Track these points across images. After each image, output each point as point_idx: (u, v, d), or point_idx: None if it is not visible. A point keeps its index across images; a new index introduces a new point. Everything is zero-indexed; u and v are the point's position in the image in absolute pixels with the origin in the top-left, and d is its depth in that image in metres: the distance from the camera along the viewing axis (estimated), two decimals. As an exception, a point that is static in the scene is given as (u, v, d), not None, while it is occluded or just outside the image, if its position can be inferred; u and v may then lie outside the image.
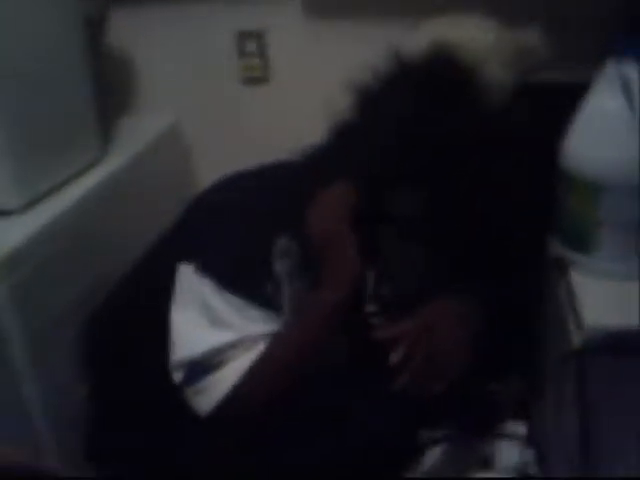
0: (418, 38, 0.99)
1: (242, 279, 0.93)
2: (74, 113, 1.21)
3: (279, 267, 0.95)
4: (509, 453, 1.05)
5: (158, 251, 1.09)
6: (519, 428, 1.08)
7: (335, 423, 0.96)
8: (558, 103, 1.06)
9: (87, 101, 1.24)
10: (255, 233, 0.95)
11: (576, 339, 0.83)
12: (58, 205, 1.12)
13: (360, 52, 0.95)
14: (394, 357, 0.85)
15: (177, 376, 0.94)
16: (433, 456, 1.05)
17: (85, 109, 1.24)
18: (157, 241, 1.11)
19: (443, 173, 0.85)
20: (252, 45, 1.41)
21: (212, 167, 1.12)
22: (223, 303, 0.92)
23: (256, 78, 1.43)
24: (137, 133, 1.41)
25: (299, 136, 0.98)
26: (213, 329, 0.92)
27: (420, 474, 1.02)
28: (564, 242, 0.90)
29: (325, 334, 0.93)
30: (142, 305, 1.04)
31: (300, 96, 1.36)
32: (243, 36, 1.40)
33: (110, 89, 1.42)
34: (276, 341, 0.92)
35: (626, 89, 0.80)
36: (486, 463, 1.04)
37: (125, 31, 1.43)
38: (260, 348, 0.92)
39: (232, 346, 0.92)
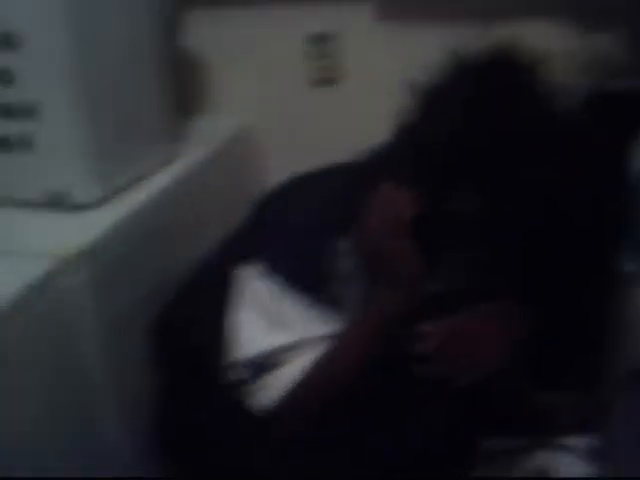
0: (490, 40, 0.98)
1: (306, 279, 0.94)
2: (150, 111, 1.24)
3: (343, 266, 0.96)
4: (569, 467, 1.03)
5: (224, 251, 1.12)
6: (581, 441, 1.06)
7: (393, 424, 0.96)
8: (634, 111, 1.04)
9: (162, 100, 1.27)
10: (319, 234, 0.96)
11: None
12: (133, 201, 1.16)
13: (431, 56, 0.94)
14: (420, 347, 0.83)
15: (236, 374, 0.96)
16: (492, 469, 1.04)
17: (160, 108, 1.27)
18: (223, 241, 1.13)
19: (503, 174, 0.83)
20: (322, 48, 1.42)
21: (280, 169, 1.13)
22: (286, 303, 0.94)
23: (325, 81, 1.44)
24: (209, 134, 1.43)
25: (367, 139, 0.99)
26: (274, 330, 0.94)
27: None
28: (635, 255, 0.88)
29: (383, 341, 0.93)
30: (208, 305, 1.06)
31: (369, 99, 1.37)
32: (313, 39, 1.42)
33: (183, 89, 1.46)
34: (336, 344, 0.93)
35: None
36: (543, 476, 1.03)
37: (199, 32, 1.47)
38: (320, 350, 0.93)
39: (292, 347, 0.93)
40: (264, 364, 0.94)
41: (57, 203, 1.12)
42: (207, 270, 1.14)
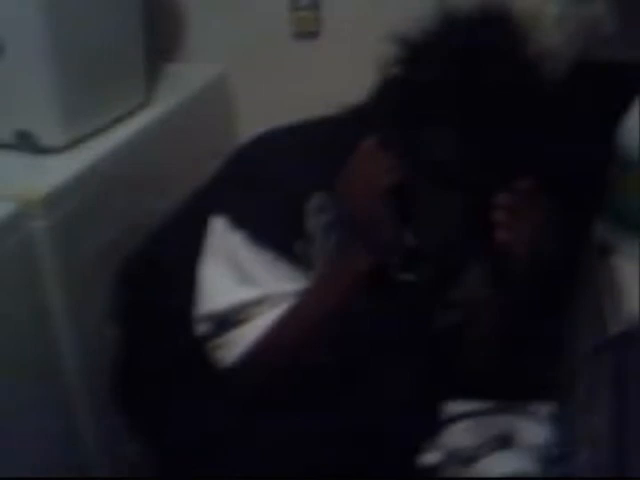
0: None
1: (274, 235, 0.92)
2: (122, 56, 1.20)
3: (313, 223, 0.94)
4: (532, 432, 1.04)
5: (194, 203, 1.09)
6: (544, 408, 1.08)
7: (354, 387, 0.96)
8: (619, 82, 1.03)
9: (136, 45, 1.23)
10: (291, 189, 0.93)
11: (614, 326, 0.81)
12: (101, 147, 1.13)
13: (417, 7, 0.92)
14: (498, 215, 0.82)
15: (201, 329, 0.94)
16: (453, 430, 1.05)
17: (133, 53, 1.23)
18: (194, 193, 1.10)
19: (484, 119, 0.82)
20: (305, -1, 1.38)
21: (257, 120, 1.09)
22: (252, 258, 0.92)
23: (308, 32, 1.40)
24: (184, 81, 1.39)
25: (348, 92, 0.96)
26: (240, 285, 0.92)
27: (438, 448, 1.02)
28: (613, 226, 0.88)
29: (351, 299, 0.92)
30: (175, 256, 1.04)
31: (351, 51, 1.34)
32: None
33: (160, 36, 1.41)
34: (301, 301, 0.92)
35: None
36: (507, 441, 1.04)
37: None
38: (285, 306, 0.91)
39: (258, 302, 0.91)
40: (229, 319, 0.92)
41: (23, 145, 1.08)
42: (175, 222, 1.12)
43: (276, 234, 0.93)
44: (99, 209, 1.09)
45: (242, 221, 0.93)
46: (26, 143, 1.08)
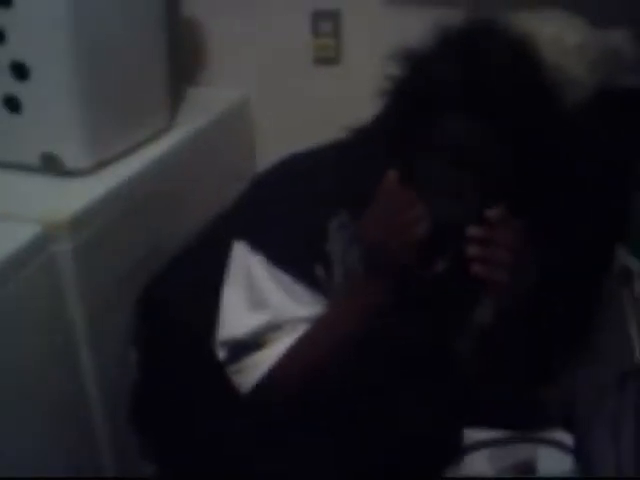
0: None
1: (294, 258, 0.93)
2: (146, 80, 1.22)
3: (333, 247, 0.94)
4: (553, 461, 1.03)
5: (216, 228, 1.10)
6: (565, 437, 1.06)
7: (373, 414, 0.95)
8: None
9: (159, 69, 1.25)
10: (311, 212, 0.94)
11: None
12: (125, 170, 1.14)
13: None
14: (471, 250, 0.82)
15: (221, 354, 0.95)
16: (473, 459, 1.04)
17: (157, 77, 1.25)
18: (216, 217, 1.11)
19: (500, 107, 0.82)
20: (327, 25, 1.39)
21: (278, 144, 1.11)
22: (271, 282, 0.92)
23: (328, 58, 1.42)
24: (206, 105, 1.41)
25: (368, 117, 0.97)
26: (258, 310, 0.93)
27: (460, 475, 1.01)
28: (636, 251, 0.88)
29: (367, 324, 0.91)
30: (197, 281, 1.05)
31: (371, 77, 1.34)
32: (318, 15, 1.39)
33: (183, 60, 1.43)
34: (316, 327, 0.92)
35: None
36: (527, 470, 1.03)
37: (202, 3, 1.44)
38: (303, 330, 0.92)
39: (275, 327, 0.92)
40: (247, 344, 0.93)
41: (49, 167, 1.10)
42: (197, 246, 1.13)
43: (296, 257, 0.93)
44: (122, 232, 1.10)
45: (262, 245, 0.94)
46: (51, 166, 1.09)
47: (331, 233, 0.94)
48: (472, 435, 1.04)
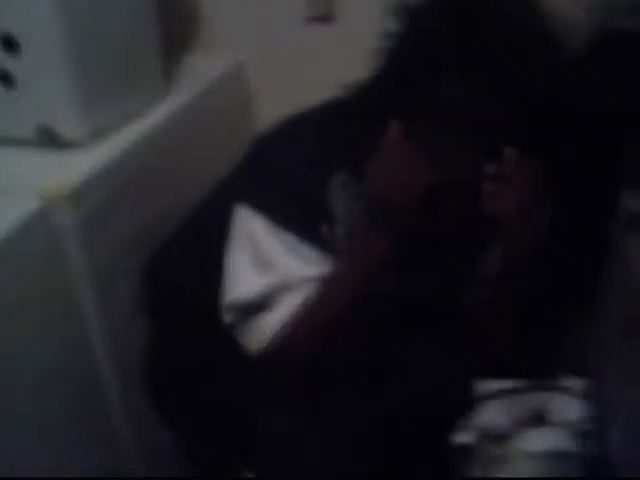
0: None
1: (297, 218, 0.93)
2: (138, 48, 1.20)
3: (335, 205, 0.94)
4: (565, 408, 1.03)
5: (218, 193, 1.09)
6: (577, 383, 1.06)
7: (386, 368, 0.96)
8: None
9: (150, 36, 1.23)
10: (312, 172, 0.93)
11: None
12: (122, 140, 1.13)
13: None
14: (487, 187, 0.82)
15: (228, 318, 0.95)
16: (486, 409, 1.04)
17: (149, 44, 1.23)
18: (217, 183, 1.10)
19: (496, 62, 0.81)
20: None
21: (277, 107, 1.09)
22: (275, 243, 0.92)
23: (323, 17, 1.38)
24: (200, 72, 1.38)
25: (365, 74, 0.96)
26: (263, 271, 0.93)
27: (471, 428, 1.02)
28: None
29: (377, 278, 0.92)
30: (201, 246, 1.05)
31: (367, 34, 1.32)
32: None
33: (175, 27, 1.40)
34: (325, 283, 0.92)
35: None
36: (540, 418, 1.03)
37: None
38: (310, 290, 0.91)
39: (281, 288, 0.92)
40: (254, 307, 0.93)
41: (46, 140, 1.09)
42: (200, 212, 1.12)
43: (299, 217, 0.93)
44: (124, 202, 1.09)
45: (265, 207, 0.93)
46: (47, 138, 1.08)
47: (333, 192, 0.94)
48: (484, 386, 1.04)
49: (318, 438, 0.92)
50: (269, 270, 0.92)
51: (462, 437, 1.01)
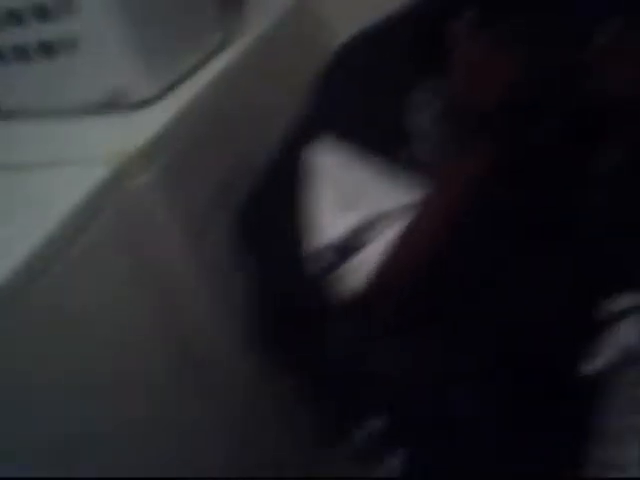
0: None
1: (381, 142, 0.85)
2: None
3: (418, 121, 0.85)
4: None
5: (294, 132, 1.03)
6: None
7: (496, 293, 0.87)
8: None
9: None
10: (390, 90, 0.86)
11: None
12: (190, 92, 1.08)
13: None
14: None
15: (321, 263, 0.89)
16: (622, 328, 0.92)
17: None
18: (291, 122, 1.04)
19: None
20: None
21: (349, 31, 1.00)
22: (359, 175, 0.85)
23: None
24: (264, 9, 1.32)
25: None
26: (350, 208, 0.86)
27: (605, 351, 0.91)
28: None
29: (470, 201, 0.82)
30: (285, 194, 0.99)
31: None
32: None
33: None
34: (417, 214, 0.84)
35: None
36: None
37: None
38: (401, 222, 0.84)
39: (372, 224, 0.85)
40: (347, 247, 0.86)
41: (112, 104, 1.06)
42: (280, 156, 1.06)
43: (383, 142, 0.85)
44: (200, 155, 1.05)
45: (344, 136, 0.86)
46: (115, 100, 1.05)
47: (414, 111, 0.85)
48: (617, 303, 0.93)
49: (430, 374, 0.86)
50: (357, 206, 0.86)
51: (594, 364, 0.90)
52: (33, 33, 1.02)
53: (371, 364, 0.92)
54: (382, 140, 0.85)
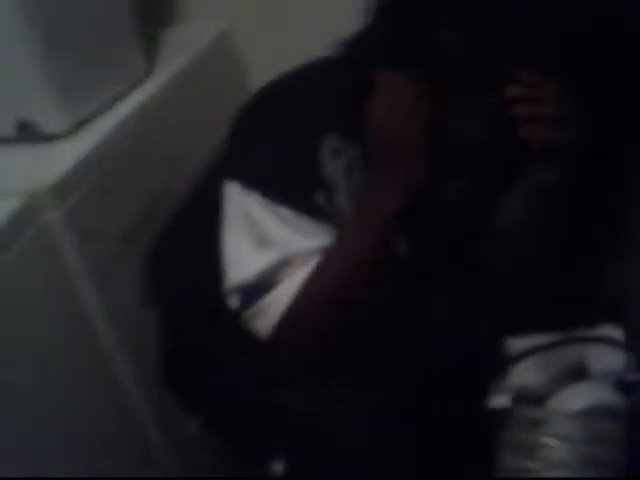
0: None
1: (291, 189, 0.87)
2: (113, 26, 1.13)
3: (331, 168, 0.87)
4: (605, 359, 0.96)
5: (210, 169, 1.04)
6: (615, 332, 0.99)
7: (412, 333, 0.90)
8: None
9: (127, 10, 1.16)
10: (303, 137, 0.87)
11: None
12: (105, 127, 1.07)
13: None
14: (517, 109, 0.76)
15: (233, 302, 0.90)
16: (520, 369, 0.97)
17: (124, 21, 1.16)
18: (210, 157, 1.05)
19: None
20: None
21: (267, 73, 1.02)
22: (271, 218, 0.86)
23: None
24: (184, 44, 1.32)
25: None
26: (262, 248, 0.87)
27: (506, 390, 0.96)
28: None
29: (384, 241, 0.85)
30: (197, 233, 1.00)
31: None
32: None
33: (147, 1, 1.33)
34: (330, 252, 0.86)
35: None
36: (579, 373, 0.96)
37: None
38: (313, 262, 0.86)
39: (284, 264, 0.86)
40: (258, 287, 0.87)
41: (25, 135, 1.03)
42: (196, 192, 1.07)
43: (293, 188, 0.87)
44: (114, 191, 1.04)
45: (256, 182, 0.88)
46: (28, 133, 1.03)
47: (325, 157, 0.87)
48: (516, 343, 0.98)
49: (342, 408, 0.88)
50: (270, 246, 0.87)
51: (497, 400, 0.95)
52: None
53: (278, 402, 0.93)
54: (293, 187, 0.87)
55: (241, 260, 0.88)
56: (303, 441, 0.92)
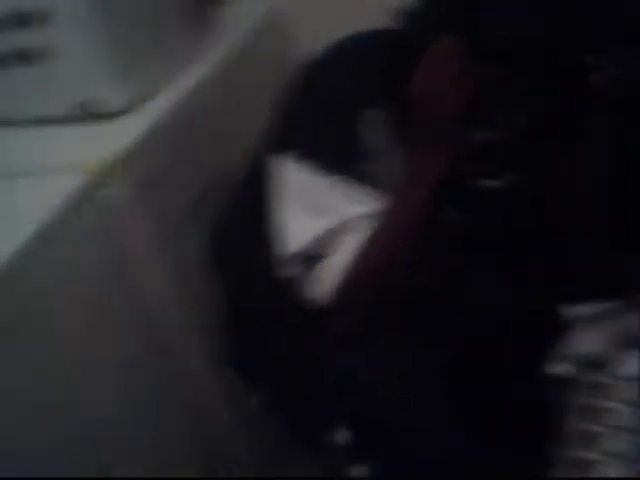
0: None
1: (339, 158, 0.89)
2: (168, 5, 1.16)
3: (373, 139, 0.90)
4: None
5: (263, 146, 1.05)
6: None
7: (460, 302, 0.91)
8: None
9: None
10: (348, 108, 0.90)
11: None
12: (164, 103, 1.09)
13: None
14: None
15: (289, 270, 0.92)
16: (583, 334, 0.97)
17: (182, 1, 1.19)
18: (262, 135, 1.06)
19: None
20: None
21: (319, 45, 1.03)
22: (324, 187, 0.89)
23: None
24: (237, 24, 1.34)
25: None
26: (317, 217, 0.89)
27: (569, 355, 0.95)
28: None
29: (431, 204, 0.86)
30: (255, 208, 1.01)
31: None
32: None
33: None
34: (382, 218, 0.88)
35: None
36: (635, 339, 0.95)
37: None
38: (366, 228, 0.88)
39: (338, 231, 0.88)
40: (313, 254, 0.90)
41: (88, 114, 1.06)
42: (249, 172, 1.08)
43: (341, 157, 0.89)
44: (172, 168, 1.06)
45: (307, 152, 0.90)
46: (90, 112, 1.06)
47: (366, 129, 0.90)
48: (574, 311, 0.97)
49: (399, 374, 0.89)
50: (324, 213, 0.89)
51: (558, 367, 0.95)
52: (11, 41, 1.03)
53: (337, 374, 0.94)
54: (340, 157, 0.89)
55: (297, 228, 0.90)
56: (365, 410, 0.93)
